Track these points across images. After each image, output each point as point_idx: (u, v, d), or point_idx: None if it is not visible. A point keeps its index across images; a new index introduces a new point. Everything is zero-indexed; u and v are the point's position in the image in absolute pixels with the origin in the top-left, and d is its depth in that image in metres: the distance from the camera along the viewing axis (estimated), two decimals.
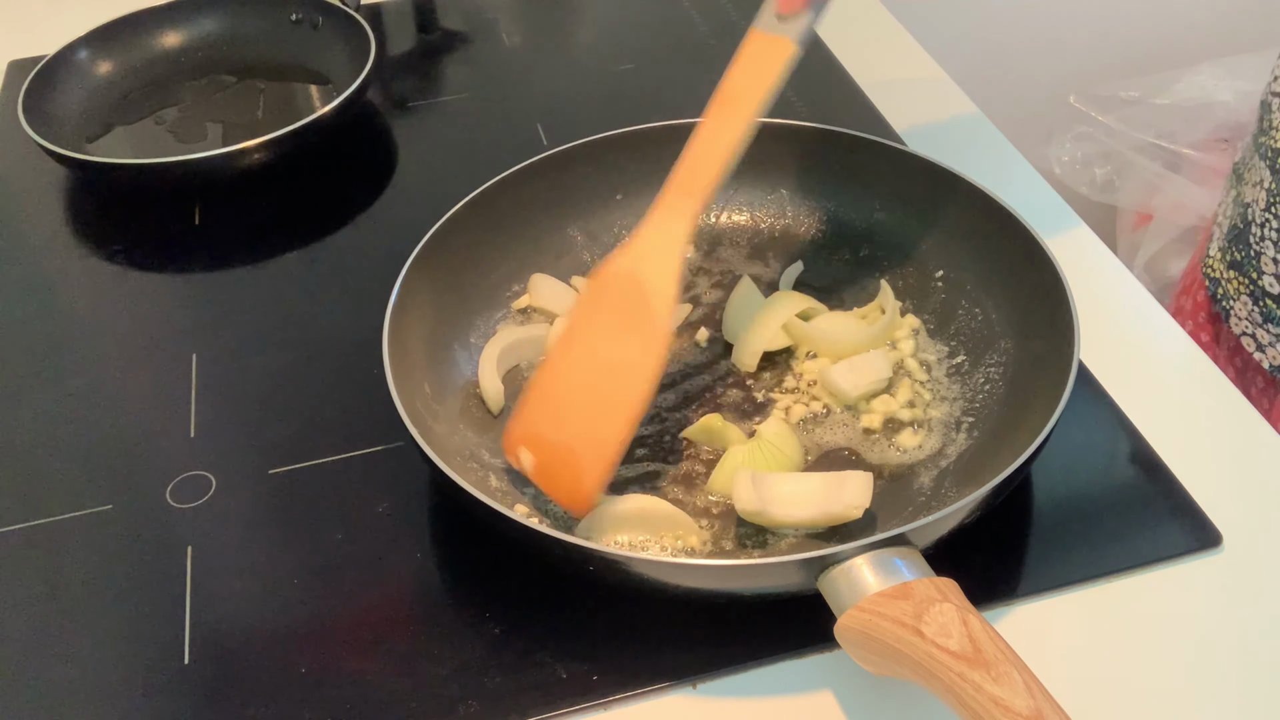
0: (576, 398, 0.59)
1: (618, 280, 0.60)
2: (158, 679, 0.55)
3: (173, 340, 0.73)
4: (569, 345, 0.60)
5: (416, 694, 0.53)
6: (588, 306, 0.61)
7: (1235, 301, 0.85)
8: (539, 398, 0.60)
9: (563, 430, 0.58)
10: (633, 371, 0.58)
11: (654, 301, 0.58)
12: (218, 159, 0.80)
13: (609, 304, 0.60)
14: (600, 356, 0.59)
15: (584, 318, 0.61)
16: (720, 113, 0.61)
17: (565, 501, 0.58)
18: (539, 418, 0.59)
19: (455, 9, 1.07)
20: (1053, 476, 0.61)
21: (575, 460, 0.58)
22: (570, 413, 0.59)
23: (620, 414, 0.57)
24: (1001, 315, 0.66)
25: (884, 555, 0.49)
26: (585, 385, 0.59)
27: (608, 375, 0.58)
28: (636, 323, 0.58)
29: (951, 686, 0.43)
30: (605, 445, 0.57)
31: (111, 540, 0.61)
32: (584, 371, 0.59)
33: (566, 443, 0.58)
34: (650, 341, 0.58)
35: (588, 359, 0.59)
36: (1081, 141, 1.49)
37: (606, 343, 0.59)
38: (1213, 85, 1.47)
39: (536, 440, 0.59)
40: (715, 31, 1.01)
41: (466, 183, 0.70)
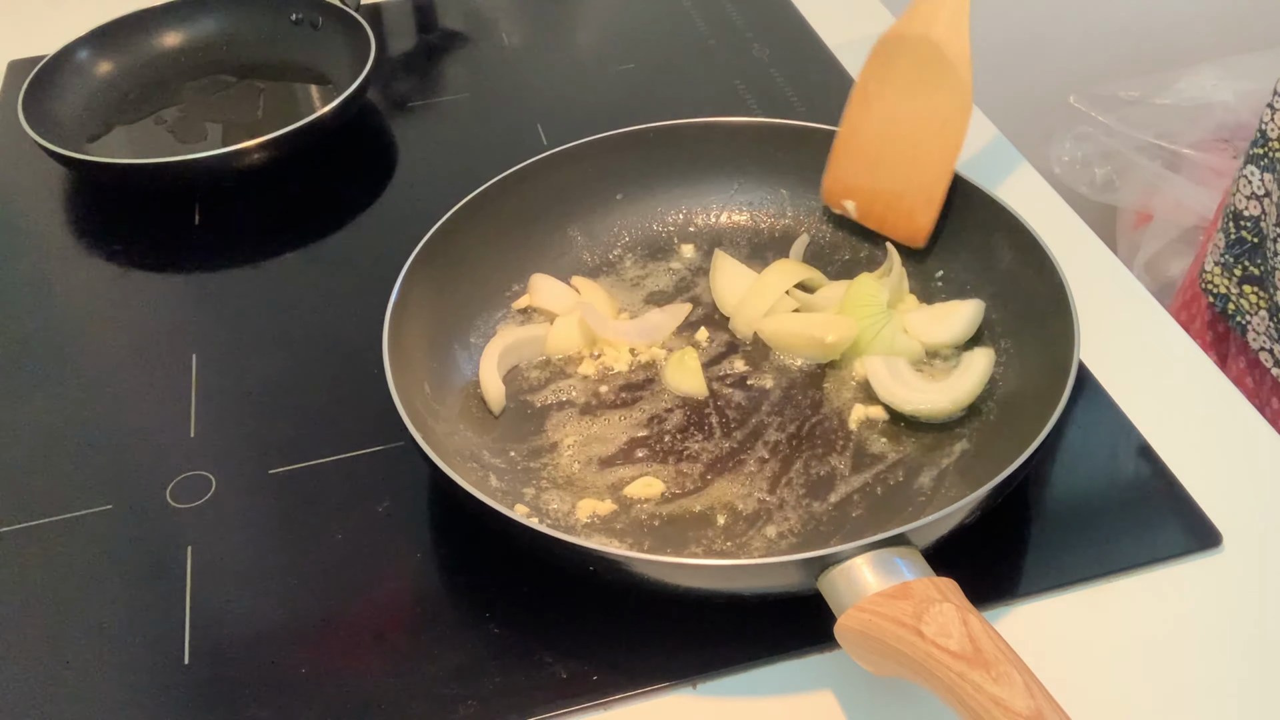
0: (890, 151, 0.68)
1: (907, 44, 0.67)
2: (158, 679, 0.55)
3: (173, 340, 0.73)
4: (867, 106, 0.69)
5: (416, 694, 0.53)
6: (879, 70, 0.68)
7: (1254, 317, 0.84)
8: (850, 155, 0.70)
9: (885, 179, 0.68)
10: (945, 122, 0.66)
11: (951, 58, 0.65)
12: (218, 159, 0.80)
13: (903, 67, 0.67)
14: (905, 113, 0.67)
15: (877, 81, 0.69)
16: None
17: (902, 237, 0.69)
18: (856, 171, 0.69)
19: (455, 9, 1.07)
20: (1053, 476, 0.61)
21: (905, 204, 0.68)
22: (888, 164, 0.68)
23: (942, 160, 0.67)
24: (1001, 315, 0.66)
25: (884, 555, 0.49)
26: (897, 139, 0.68)
27: (919, 129, 0.67)
28: (937, 79, 0.66)
29: (951, 686, 0.43)
30: (934, 188, 0.67)
31: (111, 540, 0.61)
32: (891, 127, 0.68)
33: (893, 189, 0.68)
34: (958, 93, 0.66)
35: (891, 117, 0.68)
36: (1081, 141, 1.49)
37: (910, 101, 0.67)
38: (1213, 85, 1.47)
39: (859, 191, 0.70)
40: (715, 31, 1.01)
41: (466, 183, 0.70)
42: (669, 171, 0.75)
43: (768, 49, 0.98)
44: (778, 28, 1.01)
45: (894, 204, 0.69)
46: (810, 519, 0.58)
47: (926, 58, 0.66)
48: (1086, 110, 1.49)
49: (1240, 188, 0.85)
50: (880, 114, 0.69)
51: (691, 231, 0.75)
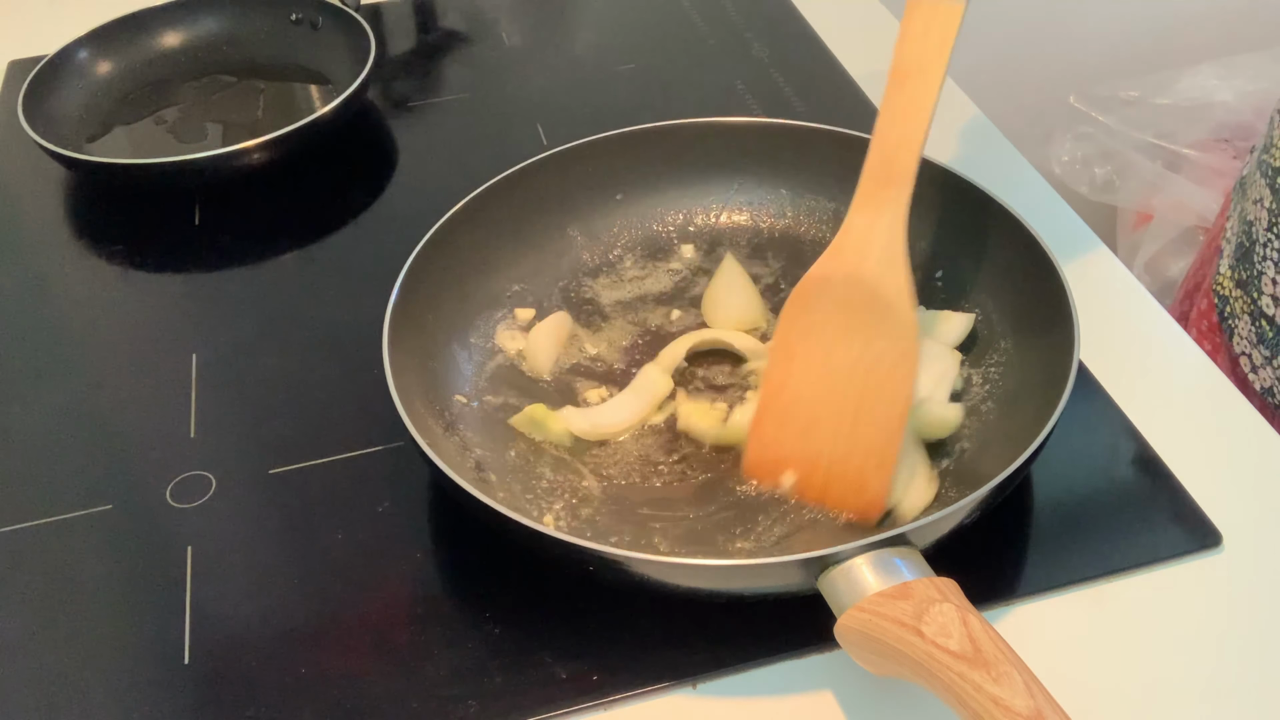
0: (826, 410, 0.58)
1: (834, 287, 0.58)
2: (158, 679, 0.55)
3: (173, 340, 0.73)
4: (790, 362, 0.59)
5: (416, 694, 0.53)
6: (800, 319, 0.59)
7: (1239, 320, 0.84)
8: (776, 420, 0.59)
9: (824, 444, 0.57)
10: (891, 370, 0.56)
11: (889, 296, 0.57)
12: (218, 159, 0.80)
13: (830, 312, 0.58)
14: (839, 365, 0.57)
15: (800, 332, 0.59)
16: (900, 90, 0.58)
17: (853, 510, 0.57)
18: (786, 439, 0.58)
19: (455, 9, 1.07)
20: (1053, 476, 0.61)
21: (852, 472, 0.57)
22: (825, 427, 0.58)
23: (891, 414, 0.56)
24: (1001, 315, 0.66)
25: (884, 555, 0.49)
26: (833, 396, 0.58)
27: (858, 381, 0.57)
28: (876, 322, 0.57)
29: (951, 686, 0.43)
30: (885, 449, 0.56)
31: (111, 540, 0.61)
32: (824, 383, 0.58)
33: (834, 455, 0.57)
34: (901, 335, 0.56)
35: (822, 371, 0.58)
36: (1081, 141, 1.49)
37: (843, 350, 0.57)
38: (1213, 85, 1.47)
39: (791, 461, 0.58)
40: (715, 31, 1.01)
41: (466, 183, 0.70)
42: (669, 171, 0.75)
43: (768, 49, 0.98)
44: (778, 28, 1.01)
45: (837, 473, 0.57)
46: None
47: (859, 300, 0.57)
48: (1086, 110, 1.50)
49: (1250, 192, 0.85)
50: (808, 369, 0.58)
51: (691, 231, 0.75)
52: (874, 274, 0.57)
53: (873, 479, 0.57)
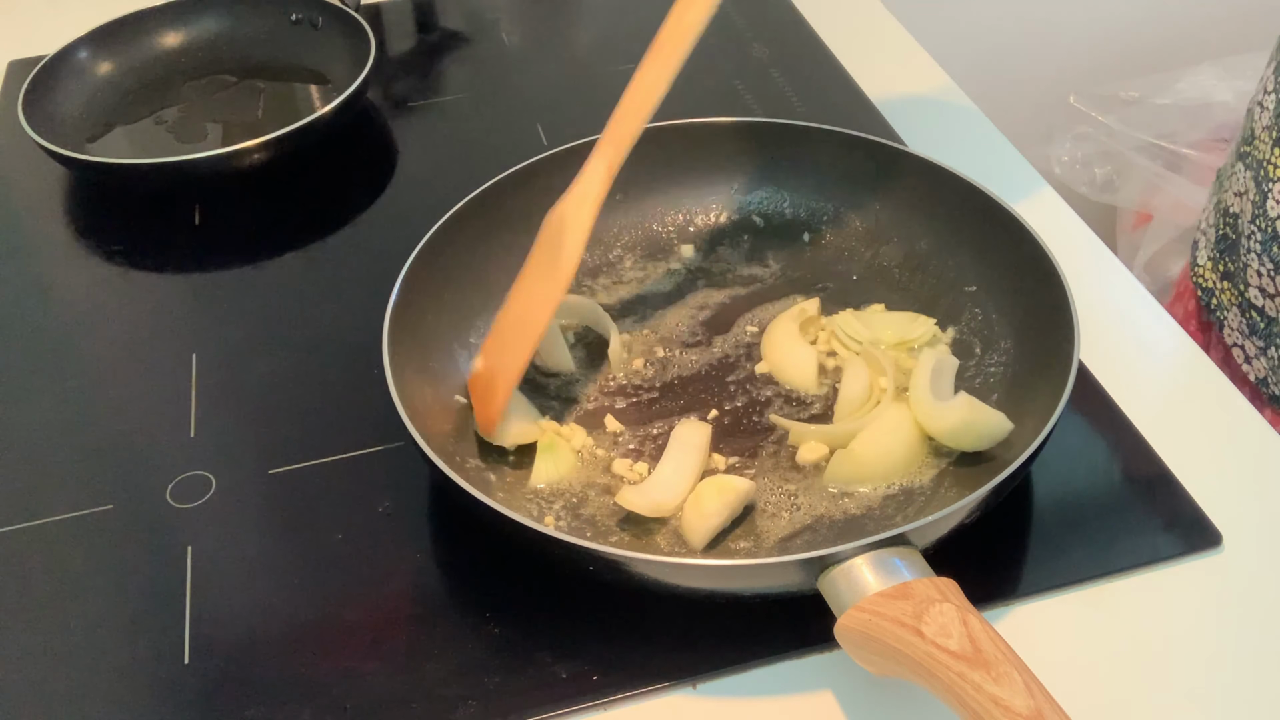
0: (505, 328, 0.64)
1: (548, 223, 0.64)
2: (158, 679, 0.55)
3: (173, 340, 0.73)
4: (519, 278, 0.65)
5: (416, 694, 0.53)
6: (536, 245, 0.65)
7: (1228, 313, 0.85)
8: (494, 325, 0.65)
9: (490, 357, 0.63)
10: (540, 303, 0.62)
11: (564, 232, 0.62)
12: (218, 159, 0.80)
13: (539, 245, 0.64)
14: (524, 291, 0.64)
15: (532, 255, 0.65)
16: (648, 65, 0.64)
17: (479, 420, 0.62)
18: (489, 344, 0.64)
19: (455, 9, 1.07)
20: (1053, 476, 0.61)
21: (491, 385, 0.62)
22: (498, 341, 0.64)
23: (522, 342, 0.62)
24: (1001, 315, 0.66)
25: (884, 555, 0.49)
26: (514, 315, 0.64)
27: (525, 308, 0.63)
28: (551, 258, 0.63)
29: (951, 686, 0.43)
30: (509, 372, 0.61)
31: (111, 540, 0.61)
32: (517, 302, 0.64)
33: (490, 367, 0.63)
34: (556, 275, 0.62)
35: (523, 292, 0.64)
36: (1081, 141, 1.49)
37: (530, 279, 0.64)
38: (1213, 85, 1.47)
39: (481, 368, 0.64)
40: (715, 31, 1.01)
41: (466, 183, 0.70)
42: (669, 172, 0.75)
43: (768, 49, 0.98)
44: (778, 28, 1.01)
45: (488, 382, 0.62)
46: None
47: (553, 237, 0.63)
48: (1086, 110, 1.50)
49: (1230, 184, 0.85)
50: (519, 291, 0.64)
51: (691, 231, 0.75)
52: (567, 216, 0.63)
53: (498, 394, 0.62)
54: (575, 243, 0.62)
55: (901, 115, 0.88)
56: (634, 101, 0.63)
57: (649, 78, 0.63)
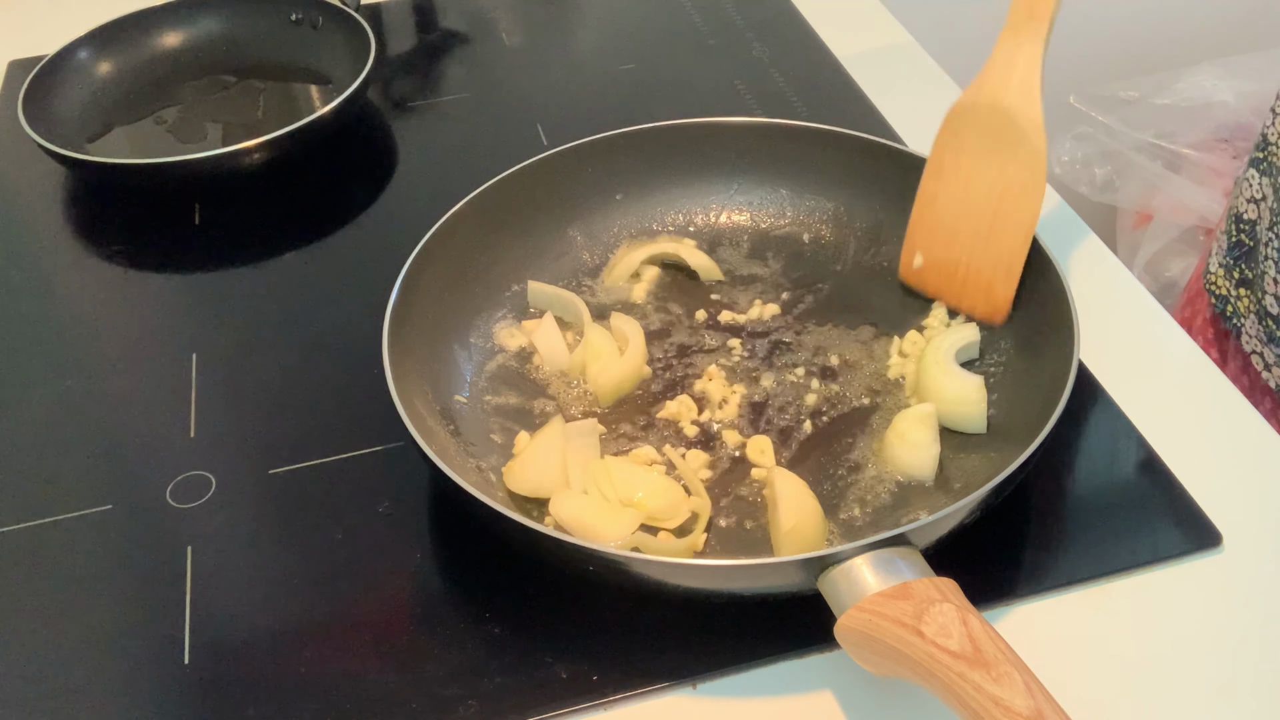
0: (966, 223, 0.65)
1: (979, 112, 0.64)
2: (158, 679, 0.55)
3: (173, 340, 0.73)
4: (940, 178, 0.66)
5: (416, 694, 0.53)
6: (951, 140, 0.66)
7: (1245, 320, 0.84)
8: (925, 228, 0.67)
9: (962, 252, 0.65)
10: (1022, 191, 0.63)
11: (1024, 125, 0.62)
12: (218, 159, 0.80)
13: (975, 135, 0.64)
14: (979, 184, 0.64)
15: (951, 151, 0.66)
16: None
17: (982, 314, 0.65)
18: (933, 245, 0.66)
19: (455, 9, 1.07)
20: (1053, 476, 0.61)
21: (984, 278, 0.64)
22: (964, 237, 0.65)
23: (1019, 231, 0.63)
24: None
25: (884, 555, 0.49)
26: (972, 210, 0.65)
27: (994, 199, 0.64)
28: (1011, 148, 0.63)
29: (951, 686, 0.43)
30: (1012, 261, 0.63)
31: (111, 540, 0.61)
32: (966, 199, 0.65)
33: (970, 263, 0.65)
34: (1032, 161, 0.62)
35: (961, 185, 0.65)
36: (1081, 141, 1.49)
37: (984, 170, 0.64)
38: (1213, 85, 1.47)
39: (936, 265, 0.66)
40: (715, 31, 1.01)
41: (466, 183, 0.70)
42: (669, 171, 0.75)
43: (768, 49, 0.98)
44: (778, 28, 1.01)
45: (972, 278, 0.65)
46: None
47: (999, 126, 0.63)
48: (1086, 110, 1.49)
49: (1242, 190, 0.85)
50: (954, 185, 0.66)
51: (692, 231, 0.75)
52: (1012, 104, 0.63)
53: (1000, 287, 0.64)
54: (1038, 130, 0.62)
55: (901, 115, 0.88)
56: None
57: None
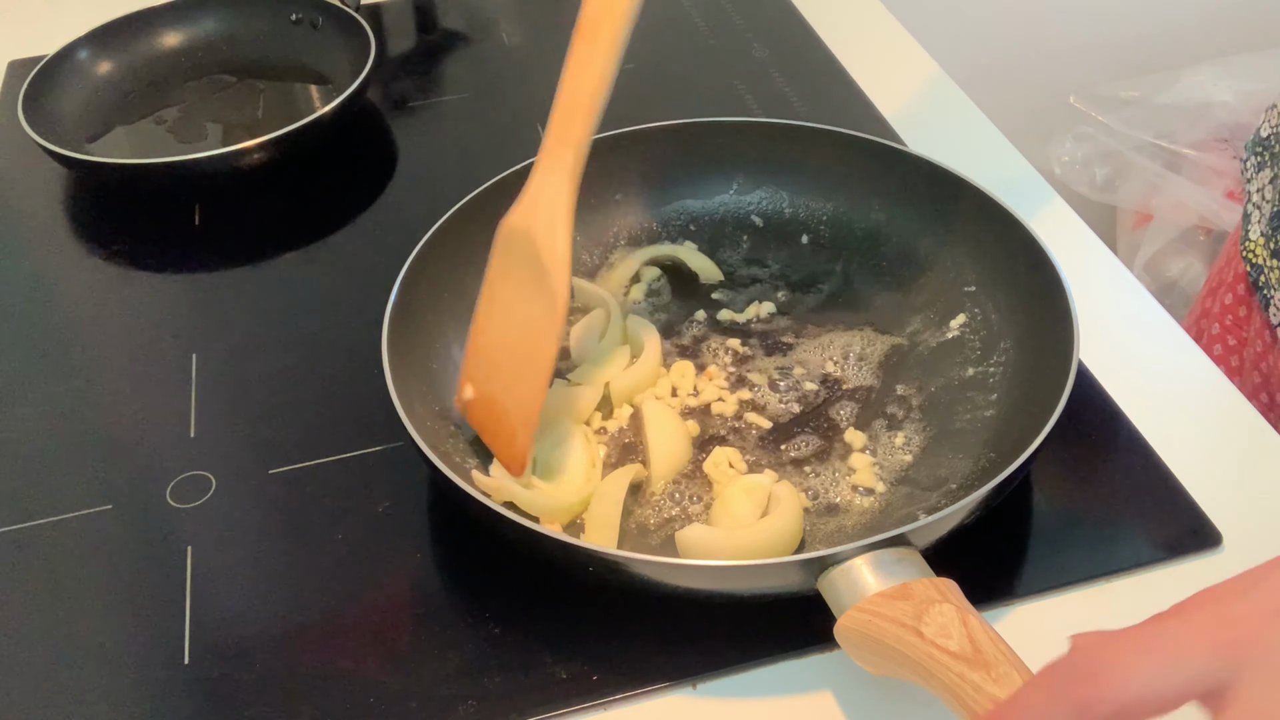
0: (500, 354, 0.59)
1: (514, 236, 0.58)
2: (158, 679, 0.55)
3: (173, 340, 0.73)
4: (492, 301, 0.60)
5: (416, 694, 0.53)
6: (499, 262, 0.59)
7: (1275, 291, 0.83)
8: (476, 355, 0.60)
9: (498, 388, 0.59)
10: (541, 334, 0.57)
11: (546, 262, 0.56)
12: (218, 159, 0.80)
13: (513, 259, 0.58)
14: (513, 313, 0.59)
15: (499, 273, 0.59)
16: (582, 49, 0.57)
17: (503, 459, 0.59)
18: (479, 375, 0.60)
19: (455, 9, 1.07)
20: (1053, 476, 0.61)
21: (509, 425, 0.58)
22: (496, 369, 0.59)
23: (535, 378, 0.57)
24: (1001, 315, 0.66)
25: (884, 556, 0.49)
26: (506, 341, 0.59)
27: (522, 335, 0.58)
28: (537, 282, 0.57)
29: (951, 687, 0.43)
30: (528, 409, 0.57)
31: (111, 540, 0.61)
32: (503, 326, 0.59)
33: (503, 401, 0.59)
34: (550, 303, 0.57)
35: (504, 314, 0.59)
36: (1081, 141, 1.49)
37: (516, 300, 0.58)
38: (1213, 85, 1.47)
39: (482, 399, 0.60)
40: (715, 31, 1.01)
41: (466, 183, 0.70)
42: (668, 172, 0.75)
43: (768, 49, 0.98)
44: (778, 28, 1.01)
45: (504, 419, 0.59)
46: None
47: (530, 256, 0.57)
48: (1086, 110, 1.50)
49: None
50: (500, 314, 0.59)
51: (691, 232, 0.75)
52: (538, 234, 0.57)
53: (519, 435, 0.58)
54: (559, 269, 0.56)
55: (901, 115, 0.88)
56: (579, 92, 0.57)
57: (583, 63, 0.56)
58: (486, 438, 0.60)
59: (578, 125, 0.57)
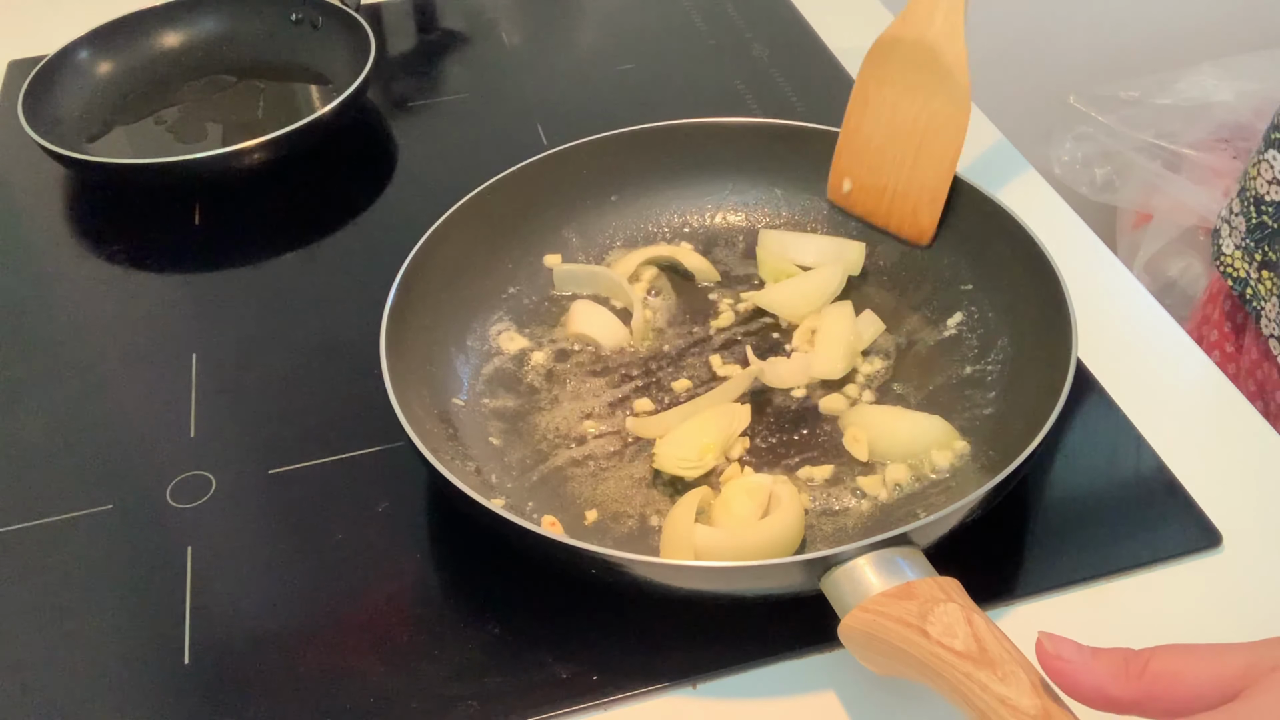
0: (892, 150, 0.69)
1: (903, 47, 0.68)
2: (158, 679, 0.55)
3: (173, 340, 0.73)
4: (866, 106, 0.70)
5: (416, 694, 0.53)
6: (876, 72, 0.70)
7: (1266, 303, 0.84)
8: (852, 154, 0.71)
9: (888, 178, 0.69)
10: (945, 124, 0.67)
11: (948, 61, 0.66)
12: (218, 159, 0.80)
13: (900, 68, 0.68)
14: (905, 113, 0.69)
15: (876, 82, 0.70)
16: None
17: (908, 235, 0.70)
18: (859, 170, 0.71)
19: (455, 9, 1.07)
20: (1053, 476, 0.61)
21: (909, 203, 0.69)
22: (890, 163, 0.69)
23: (944, 160, 0.67)
24: (999, 314, 0.66)
25: (887, 555, 0.49)
26: (898, 139, 0.69)
27: (919, 129, 0.68)
28: (935, 82, 0.67)
29: (958, 686, 0.43)
30: (937, 187, 0.68)
31: (111, 540, 0.61)
32: (892, 127, 0.69)
33: (896, 188, 0.69)
34: (956, 96, 0.67)
35: (890, 117, 0.69)
36: (1081, 141, 1.49)
37: (908, 102, 0.68)
38: (1213, 85, 1.47)
39: (863, 189, 0.71)
40: (715, 31, 1.01)
41: (466, 183, 0.70)
42: (665, 172, 0.75)
43: (768, 49, 0.98)
44: (778, 28, 1.01)
45: (898, 202, 0.70)
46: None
47: (923, 60, 0.67)
48: (1086, 110, 1.50)
49: (1261, 172, 0.84)
50: (879, 114, 0.70)
51: (687, 232, 0.75)
52: (936, 41, 0.66)
53: (924, 212, 0.69)
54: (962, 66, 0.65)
55: None
56: None
57: None
58: (879, 220, 0.71)
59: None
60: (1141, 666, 0.41)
